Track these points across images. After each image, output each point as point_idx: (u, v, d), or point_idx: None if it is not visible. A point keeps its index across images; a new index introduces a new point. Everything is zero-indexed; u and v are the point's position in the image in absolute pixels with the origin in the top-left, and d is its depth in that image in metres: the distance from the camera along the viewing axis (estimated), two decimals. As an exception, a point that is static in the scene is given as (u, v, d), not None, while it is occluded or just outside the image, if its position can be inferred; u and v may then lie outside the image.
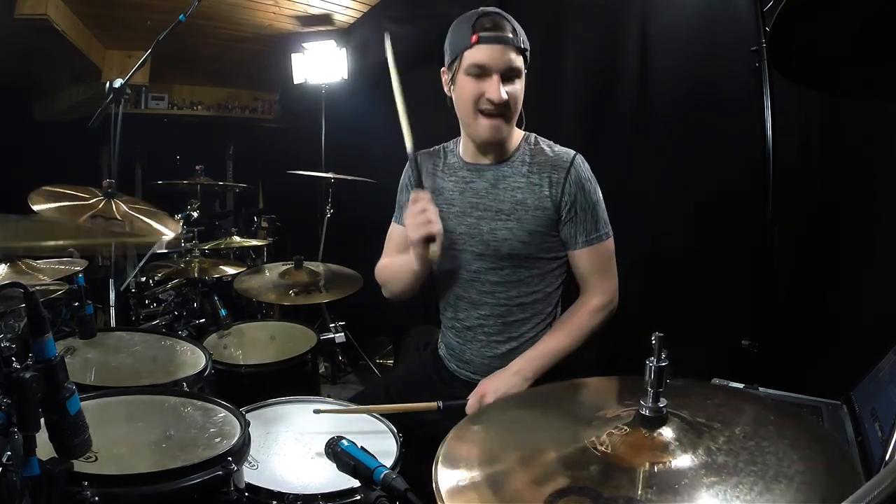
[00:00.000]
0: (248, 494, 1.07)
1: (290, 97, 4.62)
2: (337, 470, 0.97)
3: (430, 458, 0.79)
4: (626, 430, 0.77)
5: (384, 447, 1.27)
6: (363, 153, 3.55)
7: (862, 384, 1.16)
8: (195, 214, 2.95)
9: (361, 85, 3.70)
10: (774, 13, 0.74)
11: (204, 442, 1.11)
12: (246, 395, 1.45)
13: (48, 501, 0.78)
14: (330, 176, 3.18)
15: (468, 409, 1.40)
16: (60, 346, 1.47)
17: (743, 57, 1.76)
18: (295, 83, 3.96)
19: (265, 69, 4.59)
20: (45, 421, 0.77)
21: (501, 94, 1.39)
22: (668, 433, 0.76)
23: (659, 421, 0.77)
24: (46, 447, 0.79)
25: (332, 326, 2.41)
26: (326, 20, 3.87)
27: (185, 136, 4.81)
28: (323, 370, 3.33)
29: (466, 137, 1.56)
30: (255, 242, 3.30)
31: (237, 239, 3.24)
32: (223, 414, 1.21)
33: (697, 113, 2.01)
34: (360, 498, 1.07)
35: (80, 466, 0.87)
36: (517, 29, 1.43)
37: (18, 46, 3.52)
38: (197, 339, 2.07)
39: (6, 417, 0.72)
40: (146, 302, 2.89)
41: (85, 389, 1.20)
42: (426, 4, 3.12)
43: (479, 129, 1.46)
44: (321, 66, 3.75)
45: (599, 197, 1.51)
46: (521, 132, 1.57)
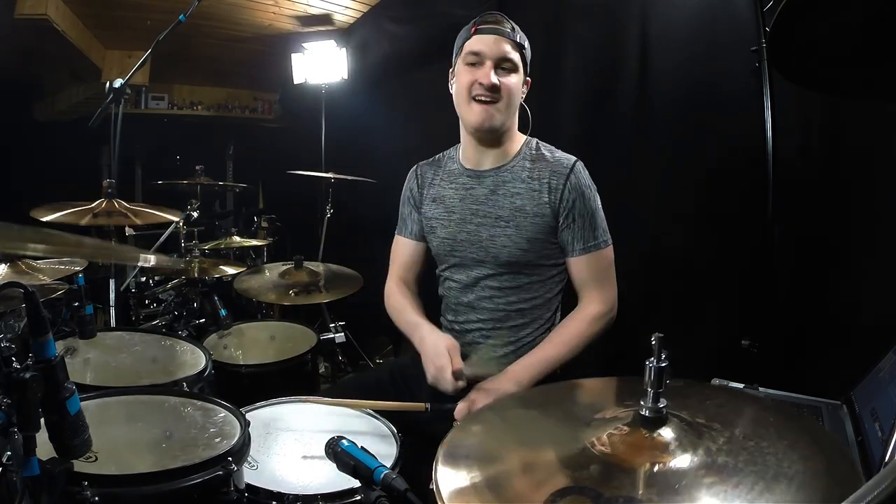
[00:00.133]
0: (247, 495, 1.07)
1: (290, 97, 4.62)
2: (337, 470, 0.97)
3: (430, 458, 0.79)
4: (625, 430, 0.77)
5: (384, 447, 1.27)
6: (363, 153, 3.55)
7: (862, 384, 1.16)
8: (195, 214, 2.94)
9: (361, 85, 3.70)
10: (774, 13, 0.74)
11: (204, 442, 1.11)
12: (246, 395, 1.45)
13: (48, 501, 0.78)
14: (330, 176, 3.18)
15: (457, 413, 1.37)
16: (60, 346, 1.47)
17: (743, 57, 1.76)
18: (295, 83, 3.96)
19: (265, 69, 4.58)
20: (45, 421, 0.77)
21: (492, 78, 1.43)
22: (667, 433, 0.75)
23: (659, 421, 0.77)
24: (46, 447, 0.79)
25: (332, 326, 2.41)
26: (326, 20, 3.86)
27: (185, 136, 4.81)
28: (323, 370, 3.31)
29: (466, 139, 1.57)
30: (255, 242, 3.30)
31: (237, 239, 3.24)
32: (223, 414, 1.21)
33: (697, 113, 2.01)
34: (360, 498, 1.07)
35: (80, 466, 0.87)
36: (516, 28, 1.49)
37: (18, 46, 3.53)
38: (197, 339, 2.07)
39: (6, 417, 0.72)
40: (146, 302, 2.89)
41: (85, 389, 1.20)
42: (426, 4, 3.12)
43: (471, 114, 1.48)
44: (321, 66, 3.75)
45: (598, 205, 1.51)
46: (522, 137, 1.57)
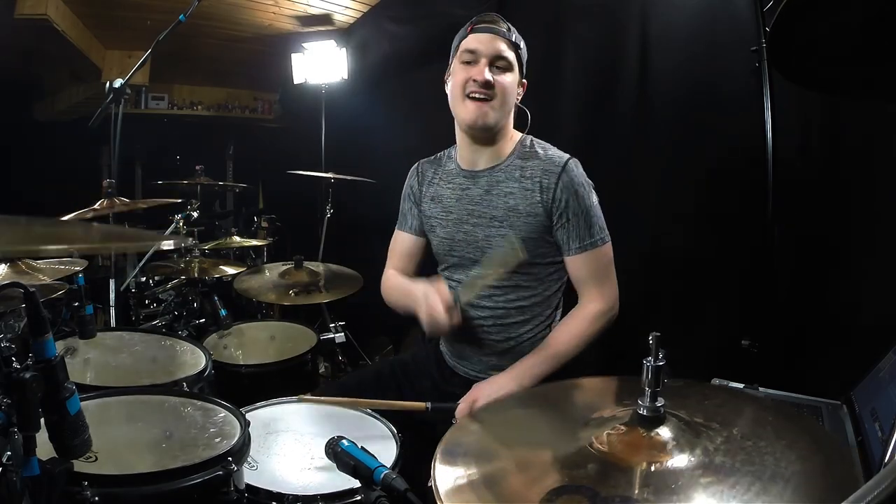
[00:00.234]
0: (247, 495, 1.07)
1: (290, 97, 4.62)
2: (337, 470, 0.97)
3: (429, 457, 0.79)
4: (623, 429, 0.77)
5: (384, 447, 1.27)
6: (363, 153, 3.55)
7: (862, 384, 1.16)
8: (195, 214, 2.94)
9: (361, 85, 3.70)
10: (774, 13, 0.74)
11: (204, 442, 1.11)
12: (246, 395, 1.45)
13: (48, 501, 0.78)
14: (330, 176, 3.18)
15: (458, 412, 1.38)
16: (60, 346, 1.47)
17: (743, 57, 1.76)
18: (295, 83, 3.96)
19: (265, 69, 4.58)
20: (45, 421, 0.77)
21: (486, 75, 1.44)
22: (665, 433, 0.76)
23: (657, 420, 0.77)
24: (46, 447, 0.79)
25: (332, 326, 2.41)
26: (326, 20, 3.86)
27: (185, 136, 4.81)
28: (323, 370, 3.31)
29: (461, 139, 1.57)
30: (255, 242, 3.30)
31: (237, 239, 3.23)
32: (223, 414, 1.21)
33: (697, 113, 2.01)
34: (360, 498, 1.07)
35: (80, 466, 0.87)
36: (512, 28, 1.50)
37: (18, 46, 3.53)
38: (197, 339, 2.07)
39: (6, 417, 0.72)
40: (146, 302, 2.89)
41: (85, 389, 1.20)
42: (426, 4, 3.12)
43: (465, 112, 1.48)
44: (321, 66, 3.74)
45: (594, 202, 1.49)
46: (517, 135, 1.57)
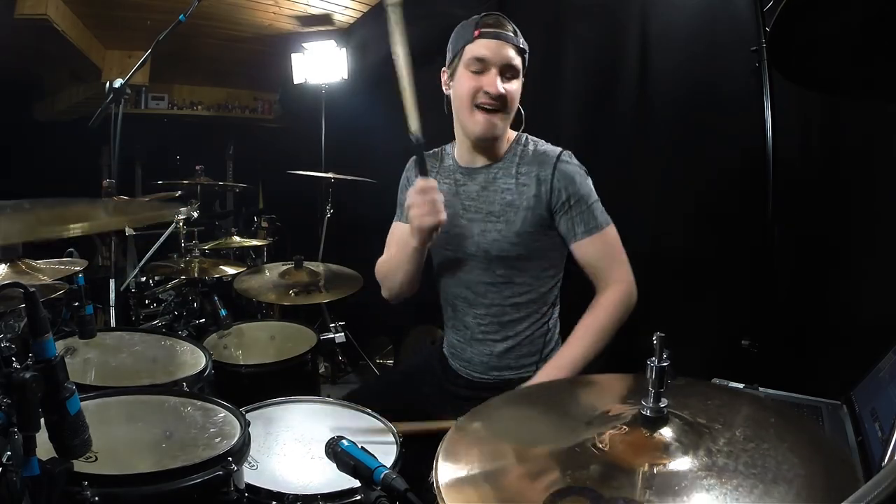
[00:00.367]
0: (248, 495, 1.07)
1: (290, 97, 4.62)
2: (337, 470, 0.97)
3: (429, 458, 0.79)
4: (626, 429, 0.77)
5: (384, 447, 1.27)
6: (363, 153, 3.55)
7: (862, 384, 1.16)
8: (195, 214, 2.94)
9: (361, 85, 3.70)
10: (774, 13, 0.74)
11: (204, 442, 1.11)
12: (246, 395, 1.45)
13: (48, 501, 0.78)
14: (330, 176, 3.18)
15: None
16: (60, 346, 1.47)
17: (743, 57, 1.76)
18: (295, 83, 3.96)
19: (265, 69, 4.59)
20: (45, 421, 0.77)
21: (499, 87, 1.41)
22: (668, 434, 0.75)
23: (660, 421, 0.77)
24: (46, 447, 0.79)
25: (332, 326, 2.41)
26: (326, 20, 3.87)
27: (185, 136, 4.82)
28: (323, 370, 3.32)
29: (461, 139, 1.56)
30: (255, 242, 3.30)
31: (237, 239, 3.24)
32: (223, 414, 1.21)
33: (697, 113, 2.01)
34: (360, 498, 1.07)
35: (80, 466, 0.87)
36: (517, 31, 1.48)
37: (18, 46, 3.53)
38: (197, 339, 2.07)
39: (6, 417, 0.72)
40: (146, 302, 2.89)
41: (85, 389, 1.20)
42: (426, 4, 3.11)
43: (474, 124, 1.46)
44: (321, 66, 3.75)
45: (591, 189, 1.50)
46: (513, 133, 1.57)
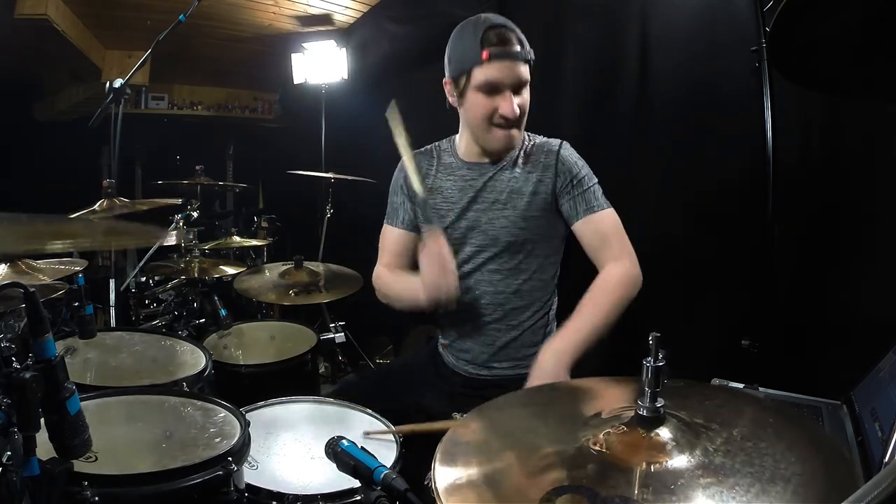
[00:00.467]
0: (248, 495, 1.07)
1: (290, 97, 4.61)
2: (337, 470, 0.97)
3: (429, 457, 0.79)
4: (623, 429, 0.77)
5: (384, 447, 1.27)
6: (363, 153, 3.54)
7: (862, 384, 1.16)
8: (195, 214, 2.94)
9: (361, 85, 3.70)
10: (774, 13, 0.74)
11: (204, 442, 1.11)
12: (246, 395, 1.45)
13: (48, 501, 0.78)
14: (330, 176, 3.18)
15: None
16: (60, 346, 1.47)
17: (743, 57, 1.76)
18: (295, 83, 3.96)
19: (265, 69, 4.58)
20: (45, 421, 0.77)
21: (515, 109, 1.42)
22: (665, 433, 0.75)
23: (656, 421, 0.76)
24: (46, 447, 0.79)
25: (332, 326, 2.41)
26: (326, 20, 3.86)
27: (185, 136, 4.81)
28: (323, 370, 3.32)
29: (469, 140, 1.57)
30: (255, 242, 3.30)
31: (237, 239, 3.23)
32: (223, 414, 1.21)
33: (697, 113, 2.01)
34: (360, 498, 1.07)
35: (80, 466, 0.87)
36: (523, 40, 1.43)
37: (18, 46, 3.52)
38: (197, 339, 2.07)
39: (6, 417, 0.72)
40: (146, 302, 2.89)
41: (85, 389, 1.20)
42: (426, 4, 3.12)
43: (493, 141, 1.48)
44: (321, 66, 3.75)
45: (591, 173, 1.54)
46: None
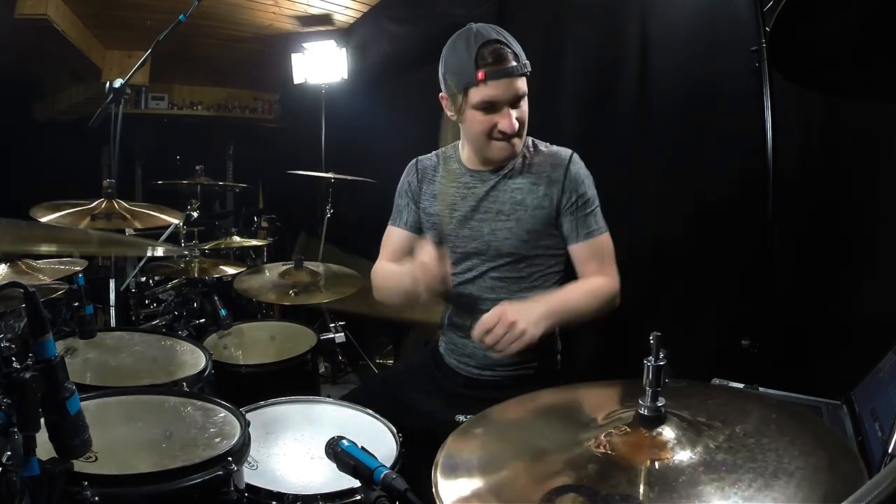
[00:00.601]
0: (248, 495, 1.07)
1: (290, 97, 4.61)
2: (337, 470, 0.97)
3: (430, 458, 0.79)
4: (625, 430, 0.77)
5: (384, 447, 1.27)
6: (363, 153, 3.55)
7: (862, 384, 1.16)
8: (195, 214, 2.95)
9: (361, 85, 3.70)
10: (774, 13, 0.74)
11: (204, 442, 1.11)
12: (246, 395, 1.45)
13: (48, 501, 0.78)
14: (330, 176, 3.18)
15: (484, 320, 1.30)
16: (60, 346, 1.47)
17: (743, 57, 1.76)
18: (295, 83, 3.96)
19: (265, 69, 4.58)
20: (45, 421, 0.77)
21: (514, 124, 1.42)
22: (667, 432, 0.76)
23: (658, 420, 0.77)
24: (46, 447, 0.79)
25: (332, 326, 2.41)
26: (326, 20, 3.86)
27: (185, 136, 4.82)
28: (323, 370, 3.32)
29: (469, 148, 1.57)
30: (255, 242, 3.30)
31: (237, 239, 3.24)
32: (223, 414, 1.21)
33: (697, 113, 2.01)
34: (360, 498, 1.07)
35: (80, 466, 0.87)
36: (518, 53, 1.41)
37: (18, 46, 3.52)
38: (197, 339, 2.07)
39: (6, 417, 0.72)
40: (146, 302, 2.89)
41: (85, 389, 1.20)
42: (426, 4, 3.11)
43: (494, 152, 1.48)
44: (321, 66, 3.74)
45: (595, 193, 1.54)
46: None
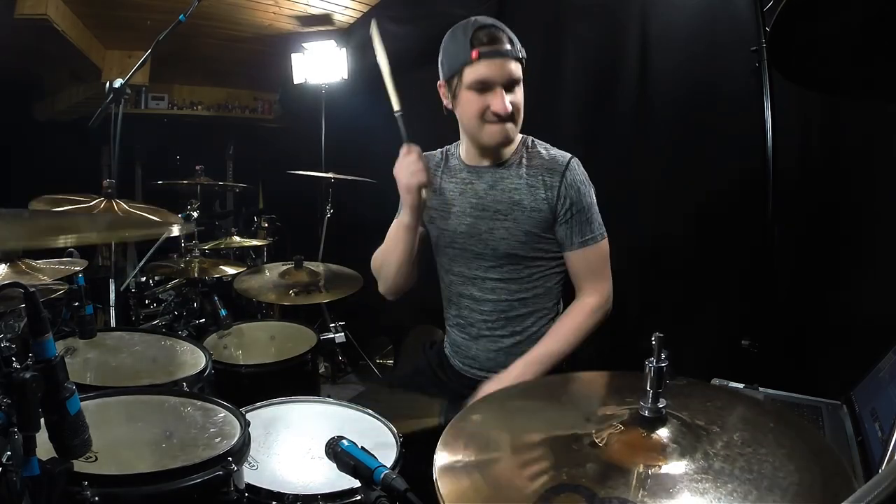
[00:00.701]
0: (248, 494, 1.07)
1: (290, 97, 4.62)
2: (337, 470, 0.97)
3: (429, 458, 0.79)
4: (623, 428, 0.77)
5: (384, 447, 1.27)
6: (363, 153, 3.54)
7: (862, 384, 1.16)
8: (195, 214, 2.94)
9: (361, 85, 3.70)
10: (774, 13, 0.74)
11: (204, 442, 1.11)
12: (246, 395, 1.45)
13: (48, 501, 0.78)
14: (330, 176, 3.18)
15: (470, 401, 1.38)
16: (60, 346, 1.47)
17: (743, 57, 1.76)
18: (295, 83, 3.96)
19: (265, 69, 4.58)
20: (45, 421, 0.77)
21: (507, 106, 1.42)
22: (665, 434, 0.75)
23: (658, 422, 0.77)
24: (46, 447, 0.79)
25: (332, 326, 2.41)
26: (326, 20, 3.86)
27: (185, 136, 4.82)
28: (323, 370, 3.33)
29: (468, 141, 1.57)
30: (255, 242, 3.30)
31: (237, 239, 3.24)
32: (223, 414, 1.21)
33: (697, 113, 2.01)
34: (360, 498, 1.07)
35: (80, 466, 0.87)
36: (513, 39, 1.44)
37: (18, 46, 3.52)
38: (197, 339, 2.07)
39: (6, 417, 0.72)
40: (146, 302, 2.90)
41: (85, 389, 1.20)
42: (426, 4, 3.12)
43: (487, 136, 1.48)
44: (321, 66, 3.75)
45: (593, 199, 1.53)
46: (519, 135, 1.58)
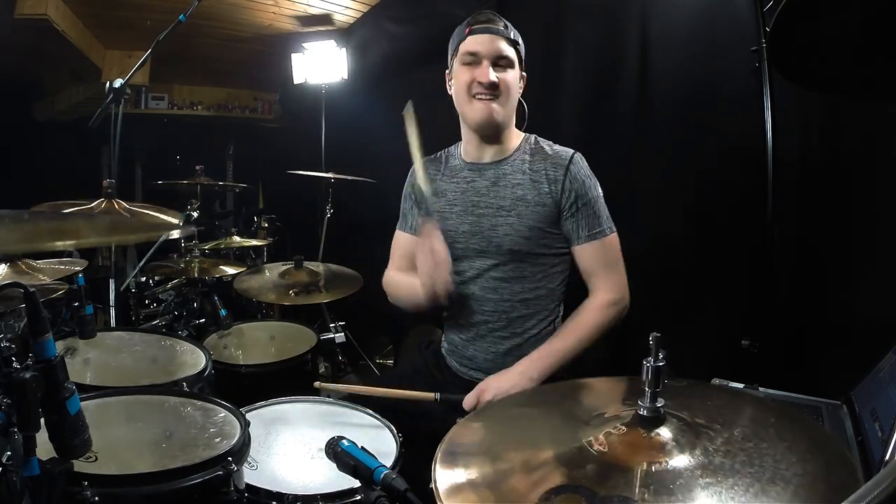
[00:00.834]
0: (247, 495, 1.07)
1: (290, 97, 4.62)
2: (337, 470, 0.97)
3: (430, 457, 0.79)
4: (623, 429, 0.77)
5: (384, 447, 1.27)
6: (363, 153, 3.55)
7: (862, 384, 1.16)
8: (195, 214, 2.94)
9: (361, 85, 3.70)
10: (774, 13, 0.74)
11: (204, 442, 1.11)
12: (246, 395, 1.45)
13: (48, 501, 0.78)
14: (330, 176, 3.18)
15: (465, 404, 1.40)
16: (60, 346, 1.47)
17: (743, 57, 1.76)
18: (295, 83, 3.96)
19: (265, 69, 4.58)
20: (45, 421, 0.77)
21: (490, 76, 1.47)
22: (665, 433, 0.76)
23: (657, 421, 0.77)
24: (46, 447, 0.79)
25: (332, 326, 2.41)
26: (326, 20, 3.86)
27: (185, 136, 4.81)
28: (323, 370, 3.31)
29: (467, 135, 1.58)
30: (255, 242, 3.30)
31: (237, 239, 3.23)
32: (223, 414, 1.21)
33: (697, 113, 2.01)
34: (360, 498, 1.07)
35: (80, 466, 0.87)
36: (509, 25, 1.53)
37: (18, 46, 3.52)
38: (197, 339, 2.07)
39: (6, 417, 0.72)
40: (146, 302, 2.89)
41: (85, 389, 1.20)
42: (426, 4, 3.12)
43: (473, 112, 1.51)
44: (321, 66, 3.74)
45: (600, 193, 1.54)
46: (521, 133, 1.59)
